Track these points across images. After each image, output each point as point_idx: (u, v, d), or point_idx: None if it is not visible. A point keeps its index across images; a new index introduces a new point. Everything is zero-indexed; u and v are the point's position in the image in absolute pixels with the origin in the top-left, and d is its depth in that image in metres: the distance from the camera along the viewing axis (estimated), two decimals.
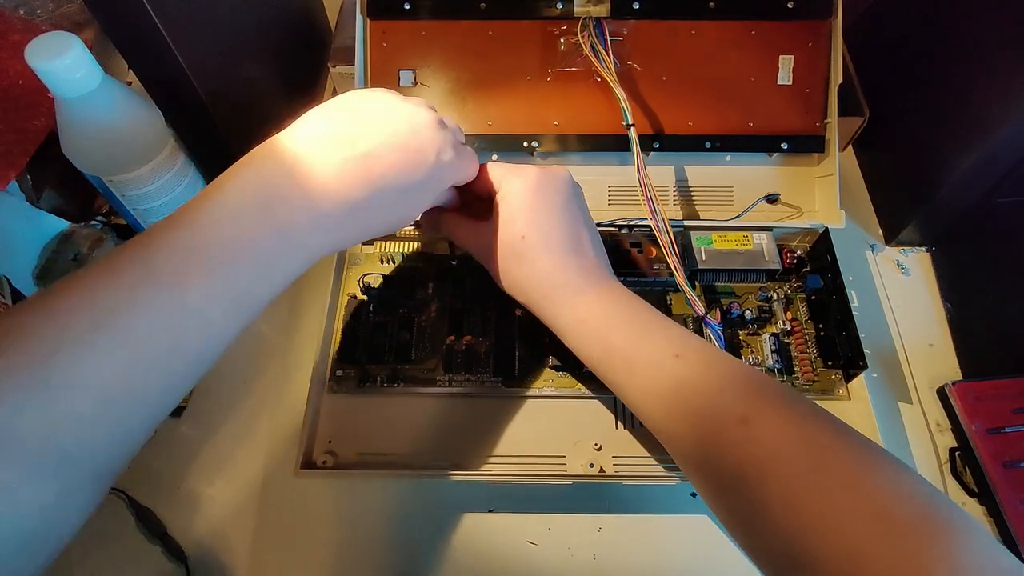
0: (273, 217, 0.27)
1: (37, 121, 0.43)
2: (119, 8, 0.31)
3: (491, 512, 0.39)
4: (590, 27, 0.43)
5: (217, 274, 0.25)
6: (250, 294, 0.27)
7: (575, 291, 0.34)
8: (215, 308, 0.25)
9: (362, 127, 0.30)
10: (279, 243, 0.27)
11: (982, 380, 0.42)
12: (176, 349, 0.24)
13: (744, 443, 0.28)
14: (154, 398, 0.25)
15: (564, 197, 0.36)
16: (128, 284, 0.23)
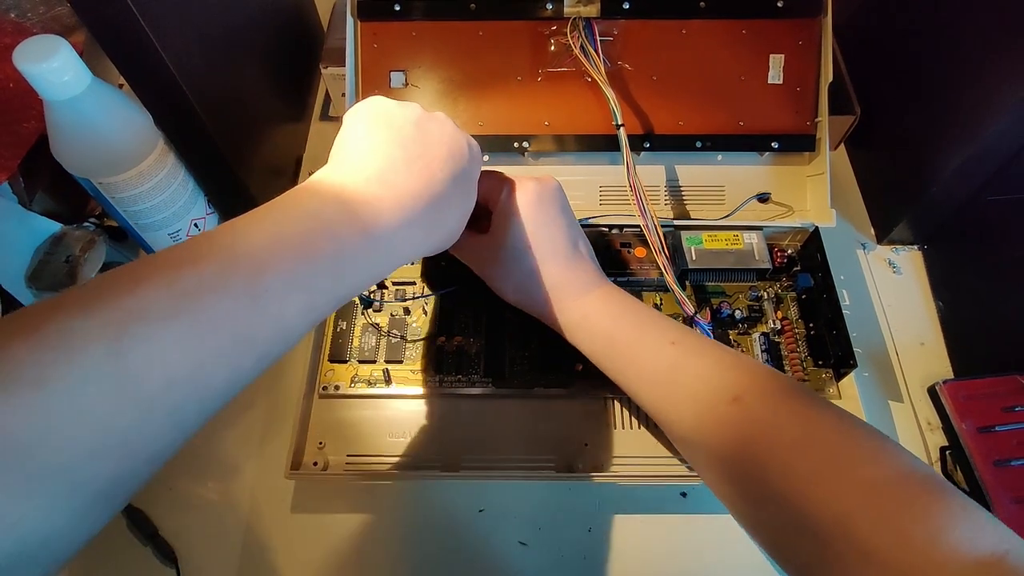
0: (356, 216, 0.27)
1: (28, 124, 0.43)
2: (105, 11, 0.31)
3: (481, 512, 0.40)
4: (580, 27, 0.43)
5: (297, 269, 0.25)
6: (326, 293, 0.26)
7: (578, 292, 0.37)
8: (290, 304, 0.25)
9: (405, 131, 0.31)
10: (362, 241, 0.27)
11: (973, 379, 0.42)
12: (246, 342, 0.24)
13: (737, 420, 0.30)
14: (213, 391, 0.24)
15: (560, 206, 0.38)
16: (210, 270, 0.23)
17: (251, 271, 0.24)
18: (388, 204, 0.28)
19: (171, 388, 0.22)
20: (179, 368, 0.22)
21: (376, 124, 0.31)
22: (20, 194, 0.44)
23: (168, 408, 0.22)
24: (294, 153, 0.55)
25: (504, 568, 0.38)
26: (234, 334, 0.23)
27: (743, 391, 0.31)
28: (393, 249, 0.29)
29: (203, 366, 0.23)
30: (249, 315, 0.24)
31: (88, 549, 0.38)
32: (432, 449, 0.39)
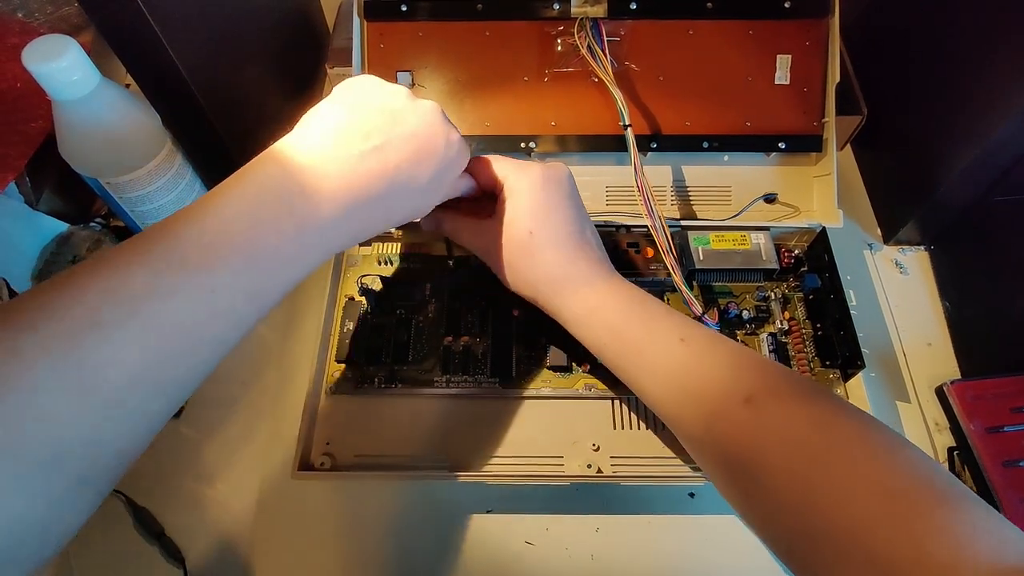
0: (293, 211, 0.27)
1: (35, 123, 0.43)
2: (114, 10, 0.31)
3: (489, 513, 0.39)
4: (587, 27, 0.43)
5: (241, 263, 0.25)
6: (270, 284, 0.27)
7: (584, 282, 0.35)
8: (239, 296, 0.26)
9: (373, 119, 0.30)
10: (298, 236, 0.27)
11: (981, 379, 0.42)
12: (202, 336, 0.25)
13: (749, 422, 0.29)
14: (176, 383, 0.25)
15: (568, 192, 0.37)
16: (159, 269, 0.24)
17: (201, 270, 0.24)
18: (325, 196, 0.28)
19: (133, 387, 0.23)
20: (137, 367, 0.23)
21: (350, 106, 0.31)
22: (27, 194, 0.44)
23: (132, 405, 0.23)
24: None
25: (511, 568, 0.38)
26: (189, 330, 0.24)
27: (756, 391, 0.29)
28: (326, 242, 0.29)
29: (162, 363, 0.24)
30: (201, 311, 0.24)
31: (95, 547, 0.38)
32: (439, 449, 0.39)
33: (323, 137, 0.29)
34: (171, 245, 0.24)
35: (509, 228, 0.36)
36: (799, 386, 0.30)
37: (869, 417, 0.28)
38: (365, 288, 0.43)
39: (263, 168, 0.28)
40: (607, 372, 0.41)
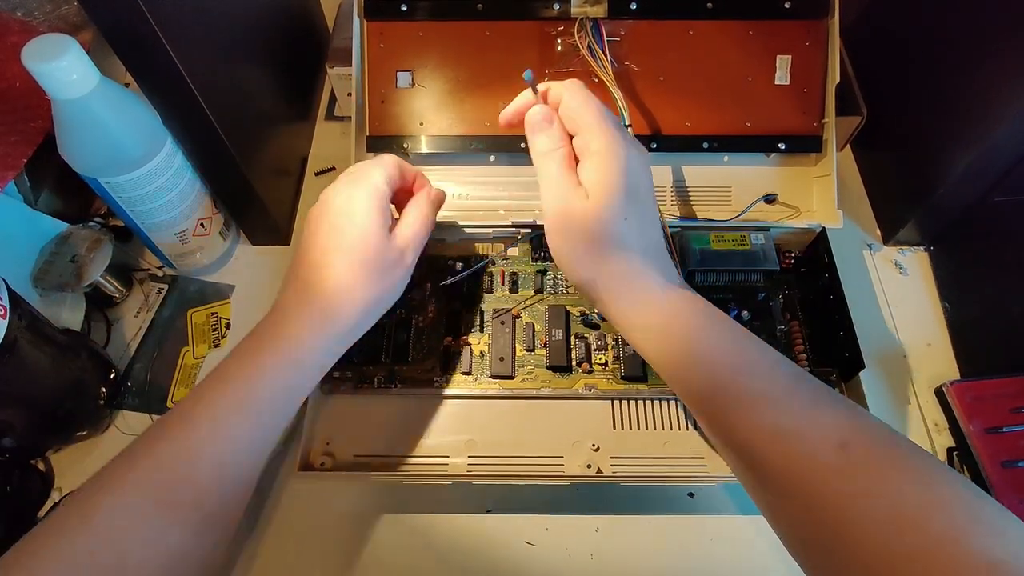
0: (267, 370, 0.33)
1: (35, 123, 0.43)
2: (114, 9, 0.31)
3: (489, 513, 0.39)
4: (587, 27, 0.43)
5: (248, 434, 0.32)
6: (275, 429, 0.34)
7: (658, 286, 0.32)
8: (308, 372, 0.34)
9: (301, 237, 0.35)
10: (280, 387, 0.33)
11: (980, 380, 0.42)
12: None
13: (841, 471, 0.26)
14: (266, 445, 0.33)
15: (652, 187, 0.34)
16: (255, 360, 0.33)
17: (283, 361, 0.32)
18: (284, 339, 0.32)
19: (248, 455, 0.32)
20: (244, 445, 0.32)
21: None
22: (26, 193, 0.44)
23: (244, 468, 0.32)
24: (299, 153, 0.55)
25: (511, 568, 0.38)
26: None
27: (850, 437, 0.26)
28: (313, 365, 0.34)
29: (265, 433, 0.33)
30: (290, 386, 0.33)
31: None
32: (439, 449, 0.39)
33: (289, 281, 0.35)
34: (167, 478, 0.29)
35: (599, 203, 0.31)
36: (895, 438, 0.27)
37: (972, 486, 0.26)
38: None
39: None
40: (606, 373, 0.41)
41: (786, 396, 0.29)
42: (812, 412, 0.28)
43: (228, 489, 0.30)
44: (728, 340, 0.31)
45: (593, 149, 0.32)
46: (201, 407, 0.30)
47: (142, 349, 0.45)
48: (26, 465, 0.40)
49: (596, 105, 0.32)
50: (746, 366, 0.30)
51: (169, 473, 0.28)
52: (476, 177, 0.47)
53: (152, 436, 0.30)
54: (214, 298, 0.48)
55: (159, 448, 0.29)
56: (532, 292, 0.44)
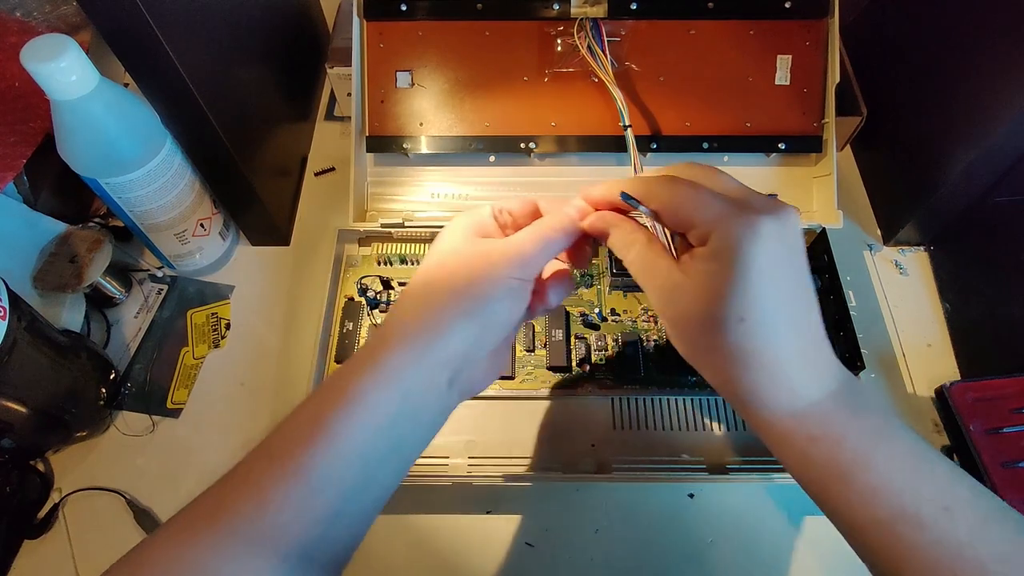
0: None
1: (34, 123, 0.43)
2: (113, 10, 0.31)
3: (488, 514, 0.39)
4: (587, 28, 0.43)
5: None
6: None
7: (797, 405, 0.25)
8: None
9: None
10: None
11: (981, 380, 0.42)
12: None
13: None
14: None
15: (800, 261, 0.25)
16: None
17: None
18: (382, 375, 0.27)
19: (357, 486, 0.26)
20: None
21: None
22: (25, 194, 0.44)
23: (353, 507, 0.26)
24: (299, 153, 0.55)
25: (511, 569, 0.38)
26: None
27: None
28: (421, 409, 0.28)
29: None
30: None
31: (97, 548, 0.38)
32: (439, 450, 0.39)
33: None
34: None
35: (705, 299, 0.25)
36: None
37: None
38: (364, 289, 0.43)
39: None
40: (605, 374, 0.41)
41: (966, 547, 0.23)
42: (999, 566, 0.22)
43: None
44: (886, 473, 0.24)
45: (706, 236, 0.25)
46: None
47: (142, 350, 0.45)
48: (26, 466, 0.40)
49: (701, 195, 0.26)
50: (913, 506, 0.23)
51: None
52: (476, 177, 0.47)
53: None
54: (214, 298, 0.48)
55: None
56: None
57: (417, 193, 0.47)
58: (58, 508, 0.39)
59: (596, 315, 0.43)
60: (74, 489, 0.40)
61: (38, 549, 0.38)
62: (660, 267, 0.27)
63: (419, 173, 0.47)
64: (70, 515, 0.39)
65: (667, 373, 0.41)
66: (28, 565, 0.38)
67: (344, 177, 0.45)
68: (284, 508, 0.24)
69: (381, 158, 0.47)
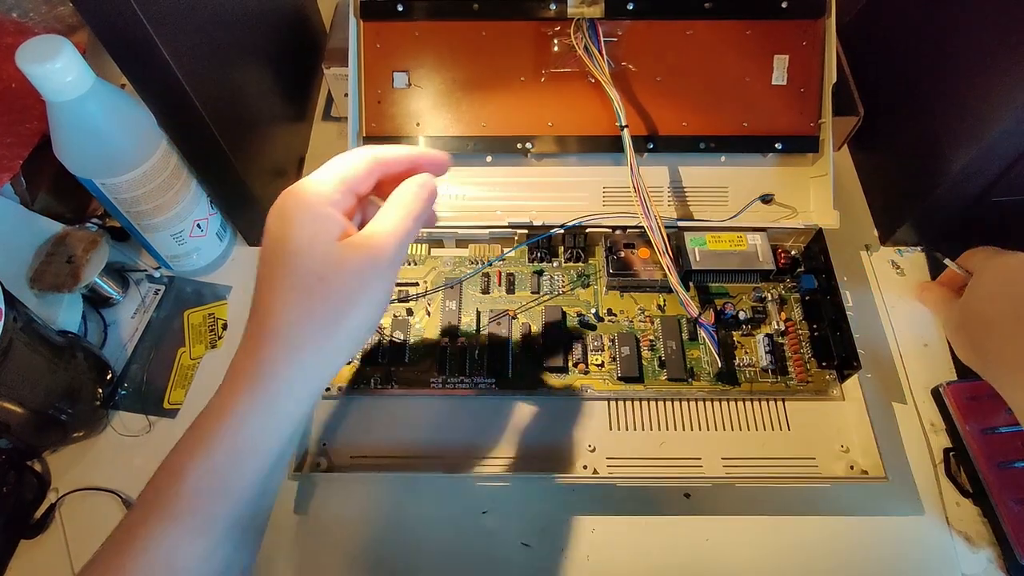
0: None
1: (31, 124, 0.43)
2: (108, 11, 0.31)
3: (485, 514, 0.39)
4: (584, 28, 0.43)
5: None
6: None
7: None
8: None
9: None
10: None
11: (976, 380, 0.42)
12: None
13: None
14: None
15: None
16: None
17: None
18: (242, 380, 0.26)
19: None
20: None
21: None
22: (22, 194, 0.44)
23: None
24: (296, 153, 0.55)
25: (507, 569, 0.38)
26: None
27: None
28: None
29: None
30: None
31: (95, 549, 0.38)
32: (435, 450, 0.39)
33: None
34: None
35: (970, 310, 0.38)
36: None
37: None
38: None
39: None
40: (603, 372, 0.41)
41: None
42: None
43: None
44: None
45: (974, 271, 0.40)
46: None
47: (138, 350, 0.45)
48: (22, 466, 0.40)
49: (982, 254, 0.42)
50: None
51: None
52: (473, 178, 0.47)
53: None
54: (211, 299, 0.48)
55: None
56: (529, 293, 0.44)
57: None
58: (55, 508, 0.39)
59: (593, 315, 0.43)
60: (71, 489, 0.40)
61: (34, 549, 0.38)
62: (942, 295, 0.43)
63: None
64: (67, 515, 0.39)
65: (664, 374, 0.41)
66: (24, 565, 0.38)
67: None
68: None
69: None
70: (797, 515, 0.39)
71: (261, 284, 0.27)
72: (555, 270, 0.45)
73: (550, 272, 0.45)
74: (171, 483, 0.25)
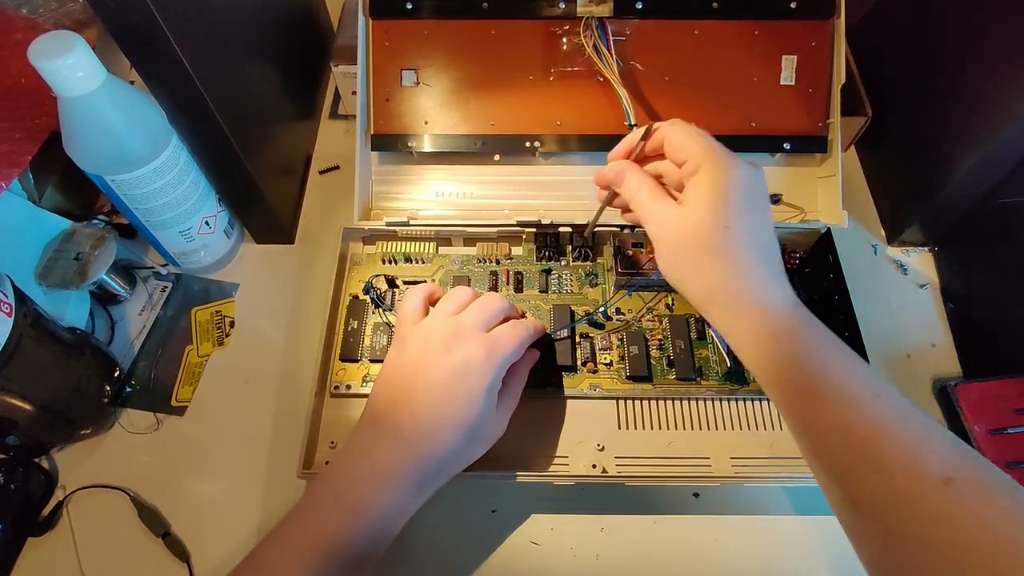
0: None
1: (39, 120, 0.43)
2: (121, 7, 0.31)
3: (494, 513, 0.39)
4: (592, 27, 0.43)
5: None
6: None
7: (766, 301, 0.32)
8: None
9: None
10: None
11: (985, 380, 0.42)
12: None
13: (943, 505, 0.25)
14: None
15: (765, 197, 0.34)
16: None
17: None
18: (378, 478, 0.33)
19: None
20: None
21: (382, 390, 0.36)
22: (30, 190, 0.44)
23: None
24: (303, 151, 0.55)
25: (516, 568, 0.38)
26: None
27: (956, 474, 0.26)
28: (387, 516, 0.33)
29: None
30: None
31: (102, 546, 0.38)
32: None
33: (367, 423, 0.35)
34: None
35: (700, 219, 0.32)
36: (999, 476, 0.26)
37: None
38: (369, 287, 0.43)
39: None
40: (612, 373, 0.41)
41: (896, 425, 0.28)
42: (919, 444, 0.27)
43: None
44: (823, 361, 0.30)
45: (694, 169, 0.33)
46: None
47: (146, 347, 0.45)
48: (30, 463, 0.40)
49: (697, 133, 0.34)
50: (854, 392, 0.29)
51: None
52: (480, 176, 0.47)
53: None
54: (218, 296, 0.48)
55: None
56: (537, 292, 0.44)
57: (422, 192, 0.47)
58: (62, 505, 0.39)
59: (601, 314, 0.43)
60: (78, 486, 0.40)
61: (42, 546, 0.38)
62: (661, 202, 0.34)
63: (424, 172, 0.47)
64: (74, 512, 0.39)
65: (673, 373, 0.41)
66: (32, 562, 0.38)
67: (349, 175, 0.45)
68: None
69: (386, 156, 0.47)
70: (807, 515, 0.39)
71: (427, 403, 0.33)
72: (563, 269, 0.45)
73: (558, 271, 0.45)
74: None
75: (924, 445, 0.27)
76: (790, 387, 0.31)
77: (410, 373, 0.34)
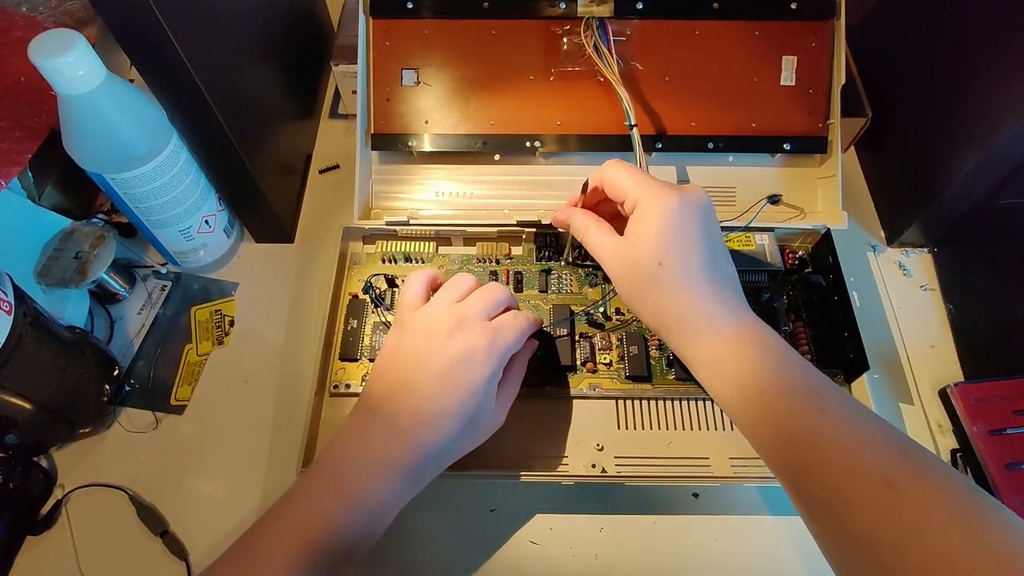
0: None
1: (39, 118, 0.43)
2: (121, 5, 0.31)
3: (493, 512, 0.39)
4: (593, 27, 0.43)
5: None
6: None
7: (710, 324, 0.33)
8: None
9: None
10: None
11: (984, 381, 0.42)
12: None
13: (885, 507, 0.26)
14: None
15: (704, 221, 0.34)
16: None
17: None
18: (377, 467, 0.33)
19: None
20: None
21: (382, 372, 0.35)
22: (30, 189, 0.44)
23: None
24: (303, 150, 0.55)
25: (516, 568, 0.38)
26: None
27: (898, 474, 0.26)
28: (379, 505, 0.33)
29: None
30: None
31: (100, 544, 0.38)
32: None
33: (365, 408, 0.35)
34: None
35: (636, 254, 0.34)
36: (946, 477, 0.27)
37: (1017, 518, 0.25)
38: (369, 286, 0.43)
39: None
40: (610, 372, 0.41)
41: (839, 429, 0.29)
42: (862, 447, 0.28)
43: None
44: (769, 375, 0.31)
45: (631, 207, 0.35)
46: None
47: (145, 346, 0.45)
48: (29, 462, 0.40)
49: (630, 171, 0.36)
50: (798, 401, 0.30)
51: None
52: (481, 176, 0.47)
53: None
54: (218, 296, 0.48)
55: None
56: (537, 291, 0.44)
57: (422, 191, 0.47)
58: (61, 504, 0.39)
59: (601, 314, 0.43)
60: (77, 485, 0.40)
61: (41, 545, 0.38)
62: (607, 237, 0.36)
63: (424, 171, 0.47)
64: (73, 511, 0.39)
65: (672, 373, 0.41)
66: (31, 561, 0.38)
67: (349, 175, 0.45)
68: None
69: (386, 156, 0.47)
70: None
71: (425, 391, 0.33)
72: (563, 269, 0.45)
73: (558, 271, 0.45)
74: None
75: (867, 448, 0.28)
76: (737, 404, 0.32)
77: (410, 361, 0.33)
